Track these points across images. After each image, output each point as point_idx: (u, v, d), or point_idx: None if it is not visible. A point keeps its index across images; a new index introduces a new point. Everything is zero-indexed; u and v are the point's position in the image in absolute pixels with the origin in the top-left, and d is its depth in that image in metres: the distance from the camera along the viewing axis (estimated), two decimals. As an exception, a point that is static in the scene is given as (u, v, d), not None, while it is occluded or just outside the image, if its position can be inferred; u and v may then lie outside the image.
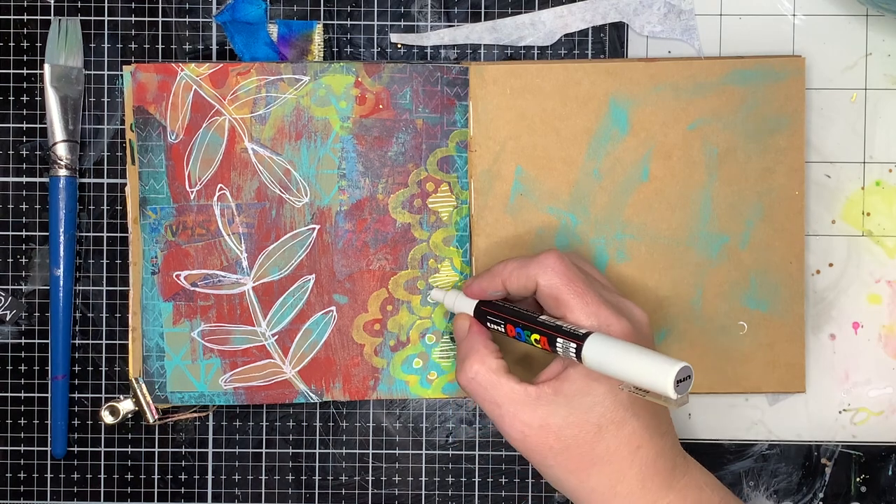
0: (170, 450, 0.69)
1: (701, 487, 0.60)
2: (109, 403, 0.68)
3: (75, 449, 0.69)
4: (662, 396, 0.52)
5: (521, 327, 0.60)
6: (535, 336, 0.59)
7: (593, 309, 0.58)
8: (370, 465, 0.69)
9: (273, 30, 0.68)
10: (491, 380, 0.59)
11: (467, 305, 0.64)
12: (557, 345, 0.57)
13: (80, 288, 0.69)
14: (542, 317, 0.59)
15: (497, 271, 0.62)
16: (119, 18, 0.69)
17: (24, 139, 0.69)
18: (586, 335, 0.56)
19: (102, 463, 0.69)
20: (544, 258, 0.60)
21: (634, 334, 0.58)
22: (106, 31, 0.69)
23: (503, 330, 0.61)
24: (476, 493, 0.69)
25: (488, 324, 0.62)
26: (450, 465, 0.69)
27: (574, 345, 0.56)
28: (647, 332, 0.61)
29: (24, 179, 0.69)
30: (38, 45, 0.69)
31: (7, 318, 0.69)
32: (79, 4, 0.69)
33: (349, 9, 0.69)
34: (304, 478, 0.69)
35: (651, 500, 0.59)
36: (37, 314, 0.69)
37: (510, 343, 0.64)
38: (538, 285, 0.60)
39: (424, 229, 0.67)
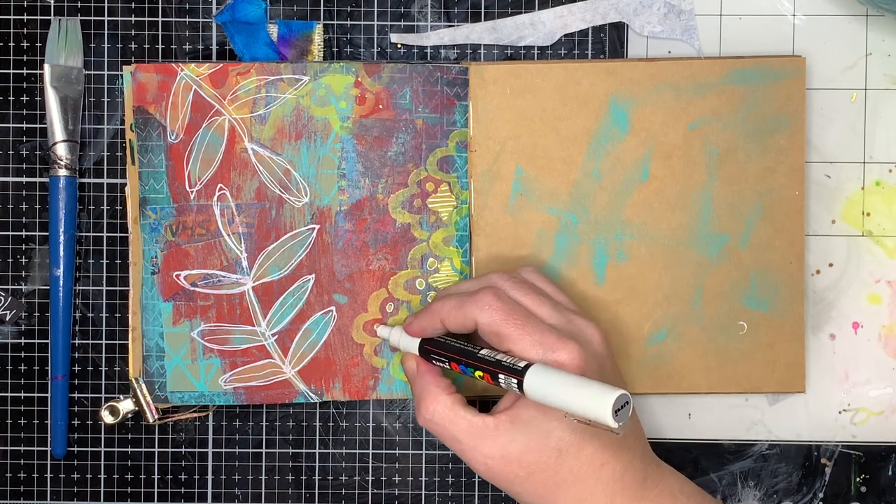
0: (170, 450, 0.69)
1: (675, 496, 0.60)
2: (109, 403, 0.68)
3: (75, 449, 0.69)
4: (603, 425, 0.52)
5: (463, 364, 0.60)
6: (479, 373, 0.59)
7: (537, 338, 0.58)
8: (370, 465, 0.69)
9: (273, 30, 0.68)
10: (448, 417, 0.60)
11: (412, 343, 0.64)
12: (500, 380, 0.57)
13: (80, 288, 0.69)
14: (483, 351, 0.59)
15: (435, 310, 0.62)
16: (119, 18, 0.69)
17: (24, 139, 0.69)
18: (525, 368, 0.56)
19: (102, 463, 0.69)
20: (481, 297, 0.60)
21: (583, 355, 0.58)
22: (106, 31, 0.69)
23: (448, 366, 0.61)
24: (476, 493, 0.69)
25: (433, 361, 0.62)
26: (450, 465, 0.69)
27: (514, 380, 0.56)
28: (601, 350, 0.60)
29: (24, 179, 0.69)
30: (38, 45, 0.69)
31: (7, 318, 0.69)
32: (79, 4, 0.69)
33: (349, 9, 0.69)
34: (304, 478, 0.69)
35: None
36: (37, 314, 0.69)
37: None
38: (478, 324, 0.60)
39: (424, 229, 0.67)
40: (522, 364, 0.57)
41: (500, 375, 0.57)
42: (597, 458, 0.58)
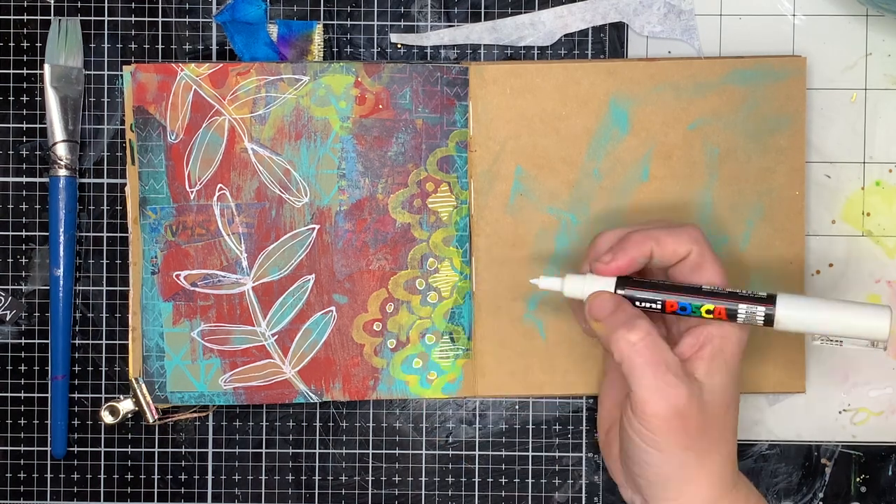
0: (170, 450, 0.69)
1: (760, 498, 0.62)
2: (109, 403, 0.68)
3: (75, 449, 0.69)
4: (869, 341, 0.53)
5: (688, 300, 0.58)
6: (708, 307, 0.57)
7: (726, 279, 0.59)
8: (370, 465, 0.69)
9: (273, 30, 0.68)
10: (658, 343, 0.56)
11: (604, 284, 0.59)
12: (739, 311, 0.56)
13: (80, 288, 0.69)
14: (707, 287, 0.58)
15: (641, 238, 0.58)
16: (119, 18, 0.69)
17: (24, 139, 0.69)
18: (771, 297, 0.56)
19: (102, 463, 0.69)
20: (694, 229, 0.59)
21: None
22: (106, 31, 0.69)
23: (659, 307, 0.58)
24: (476, 493, 0.69)
25: (637, 303, 0.59)
26: (450, 465, 0.69)
27: (762, 308, 0.56)
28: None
29: (24, 179, 0.69)
30: (38, 45, 0.69)
31: (7, 318, 0.69)
32: (79, 4, 0.69)
33: (349, 9, 0.69)
34: (304, 478, 0.69)
35: (728, 488, 0.59)
36: (37, 314, 0.69)
37: None
38: (690, 252, 0.59)
39: (424, 229, 0.67)
40: (763, 293, 0.56)
41: (742, 306, 0.56)
42: (735, 421, 0.60)
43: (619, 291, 0.59)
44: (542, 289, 0.61)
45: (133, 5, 0.69)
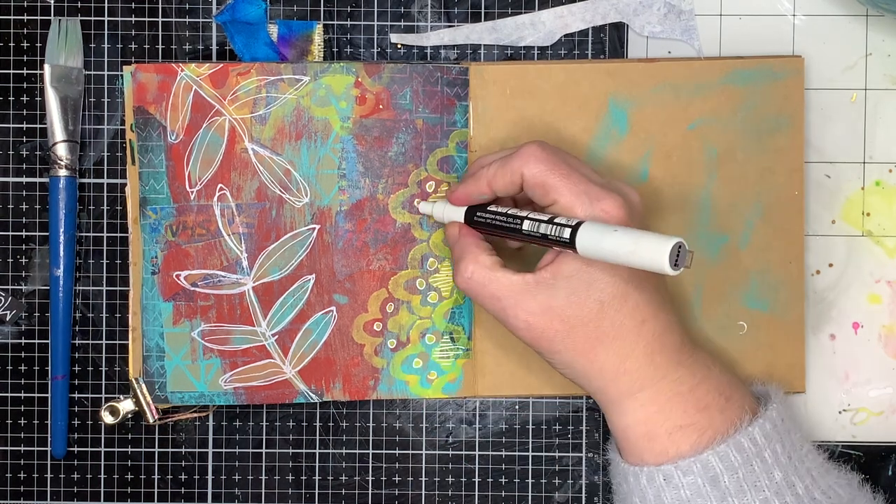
0: (170, 450, 0.69)
1: (709, 367, 0.60)
2: (109, 403, 0.67)
3: (75, 449, 0.69)
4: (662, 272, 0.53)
5: (511, 224, 0.60)
6: (527, 225, 0.59)
7: (582, 188, 0.58)
8: (370, 465, 0.69)
9: (273, 30, 0.68)
10: (487, 276, 0.60)
11: (456, 214, 0.63)
12: (550, 234, 0.57)
13: (80, 288, 0.69)
14: (532, 213, 0.59)
15: (480, 174, 0.61)
16: (119, 18, 0.69)
17: (24, 139, 0.69)
18: (577, 225, 0.56)
19: (102, 463, 0.69)
20: (525, 149, 0.59)
21: (626, 208, 0.58)
22: (106, 31, 0.69)
23: (494, 232, 0.61)
24: (476, 493, 0.69)
25: (479, 230, 0.62)
26: (450, 465, 0.69)
27: (567, 234, 0.56)
28: (640, 210, 0.60)
29: (24, 179, 0.69)
30: (38, 45, 0.69)
31: (7, 318, 0.69)
32: (79, 4, 0.69)
33: (349, 9, 0.69)
34: (304, 478, 0.69)
35: (660, 375, 0.59)
36: (37, 314, 0.69)
37: (502, 242, 0.64)
38: (523, 177, 0.59)
39: (424, 229, 0.68)
40: (574, 221, 0.56)
41: (552, 229, 0.57)
42: (638, 313, 0.58)
43: (470, 216, 0.63)
44: (422, 213, 0.67)
45: (133, 5, 0.69)
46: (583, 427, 0.69)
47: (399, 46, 0.69)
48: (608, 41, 0.69)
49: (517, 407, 0.69)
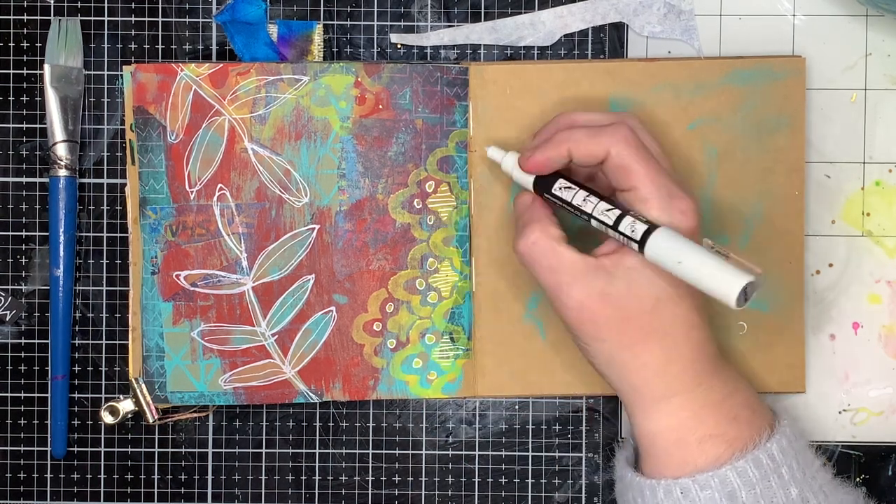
0: (170, 450, 0.69)
1: (737, 380, 0.61)
2: (109, 403, 0.68)
3: (75, 449, 0.69)
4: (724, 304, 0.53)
5: (583, 209, 0.59)
6: (602, 208, 0.58)
7: (662, 181, 0.58)
8: (370, 465, 0.69)
9: (273, 30, 0.68)
10: (551, 246, 0.59)
11: (526, 178, 0.62)
12: (621, 227, 0.57)
13: (80, 288, 0.69)
14: (600, 206, 0.59)
15: (563, 139, 0.60)
16: (119, 18, 0.69)
17: (24, 139, 0.69)
18: (650, 229, 0.56)
19: (102, 463, 0.69)
20: (619, 129, 0.58)
21: (698, 214, 0.58)
22: (106, 31, 0.69)
23: (568, 205, 0.60)
24: (476, 493, 0.69)
25: (551, 197, 0.61)
26: (450, 465, 0.69)
27: (639, 235, 0.56)
28: (702, 217, 0.60)
29: (24, 179, 0.69)
30: (38, 45, 0.69)
31: (7, 318, 0.69)
32: (79, 4, 0.69)
33: (349, 9, 0.69)
34: (304, 478, 0.69)
35: (696, 382, 0.59)
36: (37, 314, 0.69)
37: (568, 219, 0.62)
38: (609, 154, 0.58)
39: (424, 229, 0.67)
40: (644, 228, 0.56)
41: (624, 227, 0.57)
42: (690, 317, 0.58)
43: (542, 182, 0.61)
44: (490, 158, 0.64)
45: (133, 5, 0.69)
46: (583, 427, 0.69)
47: (399, 46, 0.69)
48: (608, 41, 0.69)
49: (517, 407, 0.69)
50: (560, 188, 0.60)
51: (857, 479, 0.69)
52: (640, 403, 0.60)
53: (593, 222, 0.59)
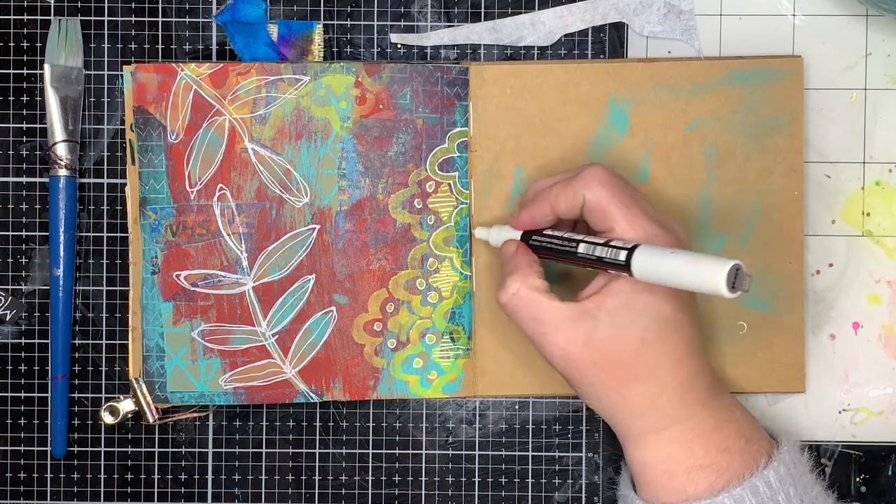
0: (170, 450, 0.69)
1: (732, 409, 0.61)
2: (109, 403, 0.67)
3: (75, 449, 0.69)
4: (718, 295, 0.53)
5: (567, 248, 0.60)
6: (583, 247, 0.59)
7: (640, 221, 0.58)
8: (370, 465, 0.69)
9: (273, 30, 0.68)
10: (532, 297, 0.59)
11: (514, 234, 0.64)
12: (606, 258, 0.57)
13: (80, 288, 0.69)
14: (588, 237, 0.59)
15: (542, 197, 0.61)
16: (119, 18, 0.69)
17: (24, 139, 0.69)
18: (634, 247, 0.56)
19: (102, 463, 0.69)
20: (589, 172, 0.59)
21: (679, 246, 0.58)
22: (106, 31, 0.69)
23: (551, 257, 0.61)
24: (476, 493, 0.69)
25: (537, 253, 0.62)
26: (450, 465, 0.69)
27: (624, 253, 0.56)
28: (688, 246, 0.61)
29: (24, 179, 0.69)
30: (38, 45, 0.69)
31: (7, 318, 0.69)
32: (79, 4, 0.69)
33: (349, 9, 0.69)
34: (304, 478, 0.69)
35: (686, 414, 0.59)
36: (37, 314, 0.69)
37: (553, 265, 0.64)
38: (585, 200, 0.59)
39: (424, 229, 0.68)
40: (630, 244, 0.56)
41: (608, 252, 0.57)
42: (675, 353, 0.58)
43: (528, 237, 0.63)
44: (478, 238, 0.67)
45: (133, 5, 0.69)
46: (583, 427, 0.69)
47: (399, 46, 0.69)
48: (608, 41, 0.69)
49: (517, 407, 0.69)
50: (542, 235, 0.62)
51: (857, 479, 0.69)
52: (629, 436, 0.60)
53: (579, 257, 0.59)
